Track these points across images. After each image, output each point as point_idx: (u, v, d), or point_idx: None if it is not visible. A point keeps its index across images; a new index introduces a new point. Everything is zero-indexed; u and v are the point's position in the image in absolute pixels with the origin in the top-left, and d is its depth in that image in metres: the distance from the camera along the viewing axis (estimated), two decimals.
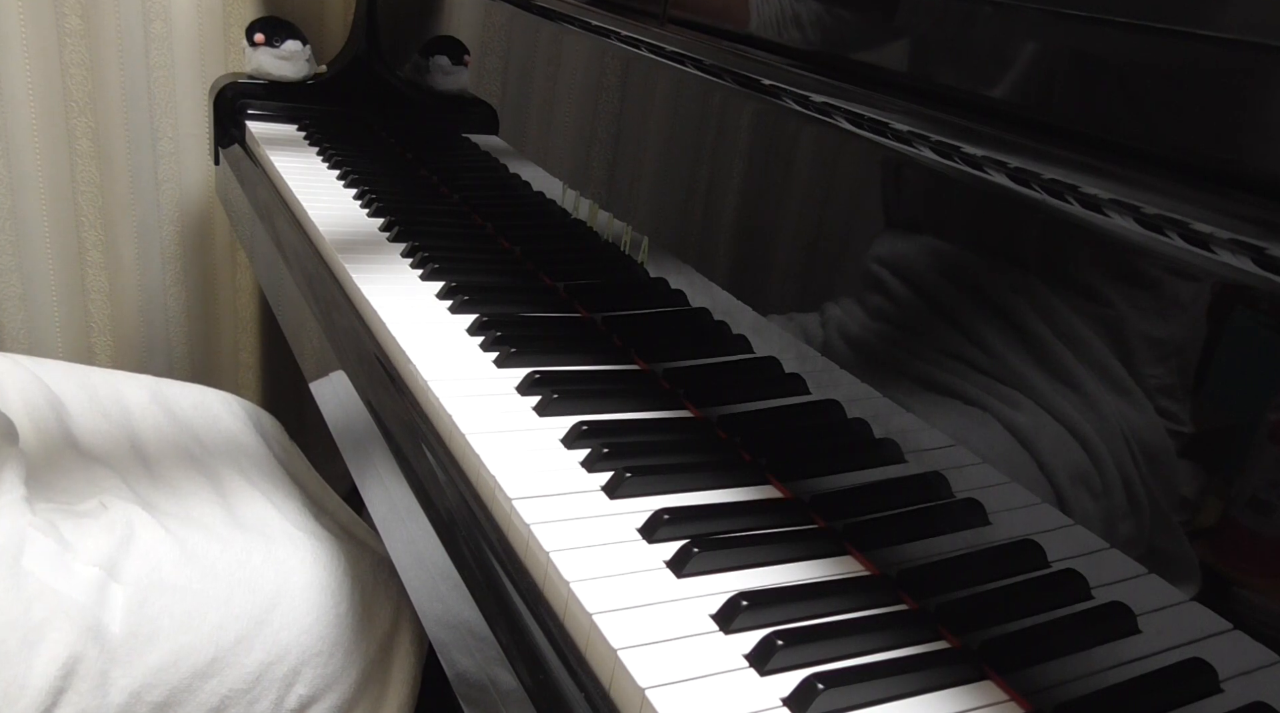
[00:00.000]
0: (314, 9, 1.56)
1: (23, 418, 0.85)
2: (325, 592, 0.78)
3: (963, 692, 0.51)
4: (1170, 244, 0.45)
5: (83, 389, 0.95)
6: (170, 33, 1.45)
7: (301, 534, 0.82)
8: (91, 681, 0.67)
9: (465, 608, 0.57)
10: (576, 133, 0.93)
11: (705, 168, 0.78)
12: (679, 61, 0.78)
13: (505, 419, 0.69)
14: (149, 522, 0.75)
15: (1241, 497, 0.43)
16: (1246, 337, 0.43)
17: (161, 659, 0.70)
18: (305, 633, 0.76)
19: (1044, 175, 0.50)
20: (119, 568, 0.71)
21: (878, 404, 0.60)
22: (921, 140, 0.57)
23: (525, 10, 1.02)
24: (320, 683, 0.77)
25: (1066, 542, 0.50)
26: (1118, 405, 0.48)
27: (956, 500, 0.56)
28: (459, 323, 0.83)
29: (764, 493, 0.65)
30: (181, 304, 1.59)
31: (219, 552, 0.76)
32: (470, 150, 1.15)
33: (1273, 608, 0.42)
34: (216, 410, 1.00)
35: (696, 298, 0.76)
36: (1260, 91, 0.43)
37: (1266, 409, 0.42)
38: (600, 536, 0.58)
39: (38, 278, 1.48)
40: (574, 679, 0.51)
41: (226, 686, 0.73)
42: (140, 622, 0.70)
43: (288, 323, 1.02)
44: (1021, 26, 0.53)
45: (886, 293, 0.60)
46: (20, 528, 0.69)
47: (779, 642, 0.50)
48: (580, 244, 0.91)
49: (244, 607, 0.74)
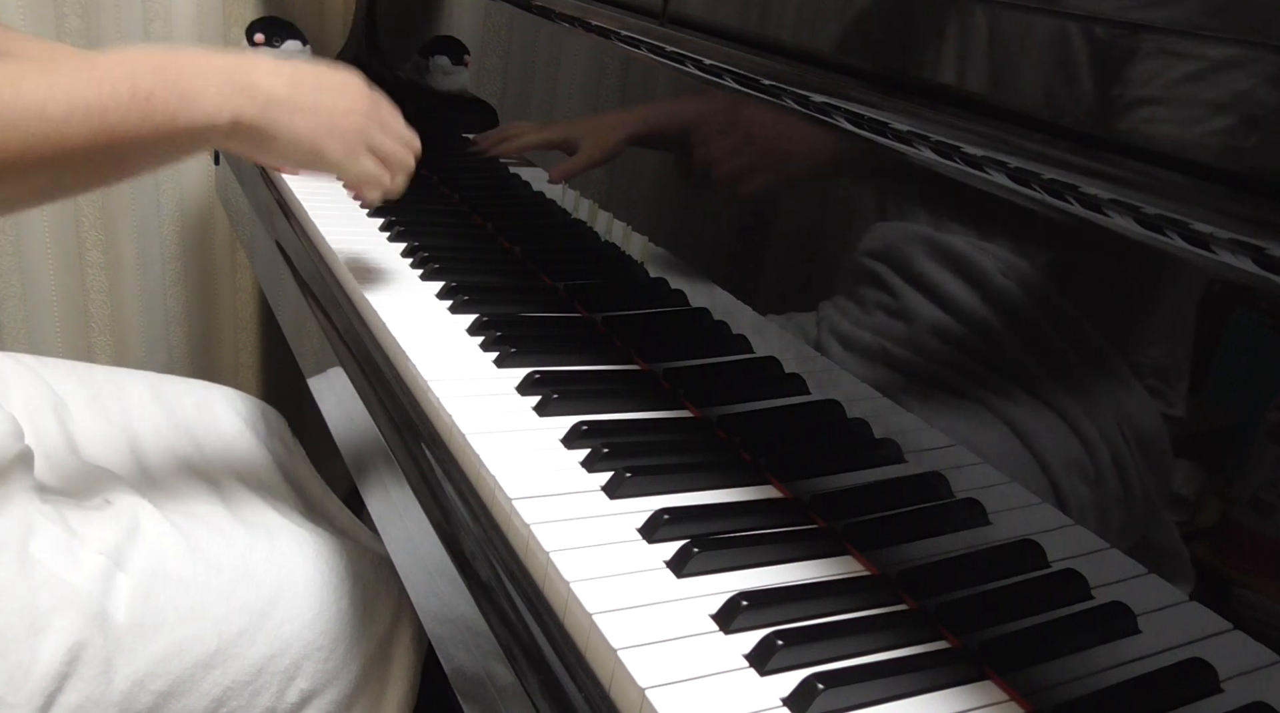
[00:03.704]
0: (314, 9, 1.56)
1: (25, 417, 0.85)
2: (326, 588, 0.79)
3: (963, 692, 0.51)
4: (1170, 244, 0.45)
5: (85, 387, 0.95)
6: (170, 33, 1.45)
7: (303, 531, 0.82)
8: (96, 668, 0.67)
9: (464, 606, 0.57)
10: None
11: (705, 168, 0.78)
12: (679, 61, 0.78)
13: (505, 419, 0.69)
14: (155, 515, 0.75)
15: (1241, 497, 0.43)
16: (1246, 337, 0.43)
17: (165, 649, 0.70)
18: (307, 628, 0.77)
19: (1044, 175, 0.50)
20: (125, 558, 0.71)
21: (878, 404, 0.60)
22: (921, 140, 0.57)
23: (525, 10, 1.02)
24: (321, 678, 0.77)
25: (1066, 542, 0.50)
26: (1117, 405, 0.48)
27: (956, 500, 0.56)
28: (459, 323, 0.83)
29: (764, 493, 0.65)
30: (181, 304, 1.59)
31: (223, 546, 0.76)
32: (470, 150, 1.15)
33: (1273, 608, 0.42)
34: (219, 408, 1.00)
35: (696, 298, 0.76)
36: (1261, 91, 0.43)
37: (1266, 409, 0.42)
38: (600, 536, 0.58)
39: (38, 278, 1.48)
40: (574, 679, 0.51)
41: (229, 677, 0.73)
42: (145, 612, 0.70)
43: (287, 323, 1.02)
44: (1022, 26, 0.53)
45: (886, 292, 0.60)
46: (29, 516, 0.69)
47: (779, 642, 0.50)
48: (580, 244, 0.91)
49: (247, 600, 0.74)
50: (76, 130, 0.58)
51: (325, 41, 1.57)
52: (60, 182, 0.62)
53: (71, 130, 0.58)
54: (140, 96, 0.60)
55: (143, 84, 0.61)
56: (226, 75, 0.66)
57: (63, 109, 0.57)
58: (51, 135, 0.57)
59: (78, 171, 0.61)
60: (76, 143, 0.58)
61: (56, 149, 0.58)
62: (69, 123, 0.57)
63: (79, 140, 0.58)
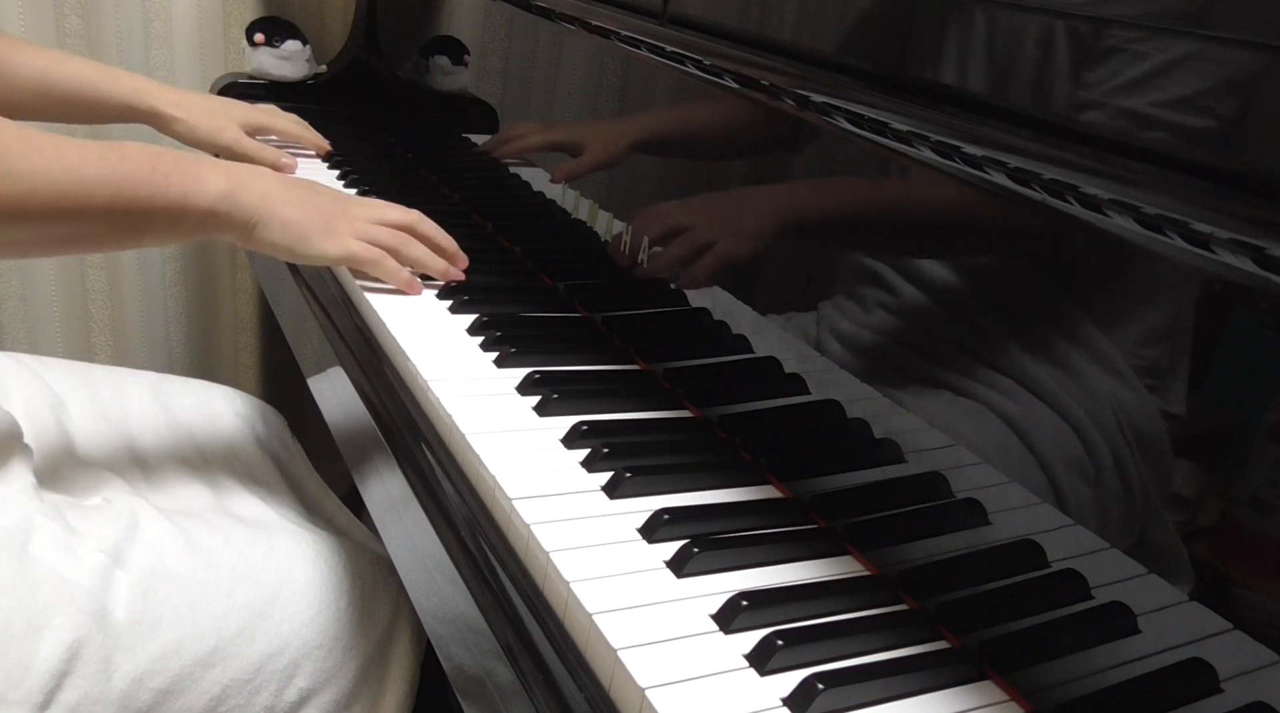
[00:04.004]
0: (314, 9, 1.56)
1: (24, 416, 0.85)
2: (325, 587, 0.79)
3: (963, 692, 0.51)
4: (1170, 244, 0.45)
5: (84, 387, 0.95)
6: (170, 33, 1.45)
7: (302, 531, 0.82)
8: (95, 665, 0.68)
9: (464, 605, 0.57)
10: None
11: (705, 168, 0.78)
12: (679, 61, 0.78)
13: (505, 419, 0.69)
14: (153, 514, 0.75)
15: (1241, 497, 0.43)
16: (1246, 337, 0.43)
17: (164, 647, 0.71)
18: (306, 627, 0.77)
19: (1044, 175, 0.50)
20: (124, 556, 0.71)
21: (878, 404, 0.60)
22: (921, 140, 0.57)
23: (525, 10, 1.02)
24: (320, 677, 0.77)
25: (1066, 542, 0.50)
26: (1117, 405, 0.48)
27: (956, 500, 0.56)
28: (459, 323, 0.83)
29: (764, 493, 0.65)
30: (181, 304, 1.59)
31: (222, 544, 0.76)
32: (470, 150, 1.15)
33: (1273, 608, 0.42)
34: (219, 408, 1.00)
35: (696, 298, 0.76)
36: (1261, 91, 0.43)
37: (1266, 409, 0.42)
38: (600, 535, 0.58)
39: (38, 278, 1.48)
40: (574, 679, 0.51)
41: (228, 676, 0.73)
42: (144, 609, 0.70)
43: (287, 323, 1.02)
44: (1023, 26, 0.53)
45: (887, 292, 0.60)
46: (28, 514, 0.69)
47: (779, 642, 0.50)
48: (580, 244, 0.91)
49: (246, 599, 0.75)
50: (102, 192, 0.69)
51: (325, 41, 1.57)
52: (75, 235, 0.71)
53: (98, 191, 0.68)
54: (159, 174, 0.72)
55: (161, 166, 0.73)
56: (231, 171, 0.78)
57: (95, 173, 0.68)
58: (81, 193, 0.68)
59: (94, 227, 0.71)
60: (99, 203, 0.69)
61: (85, 205, 0.68)
62: (96, 184, 0.68)
63: (101, 201, 0.69)
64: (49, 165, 0.66)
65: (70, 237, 0.71)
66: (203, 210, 0.75)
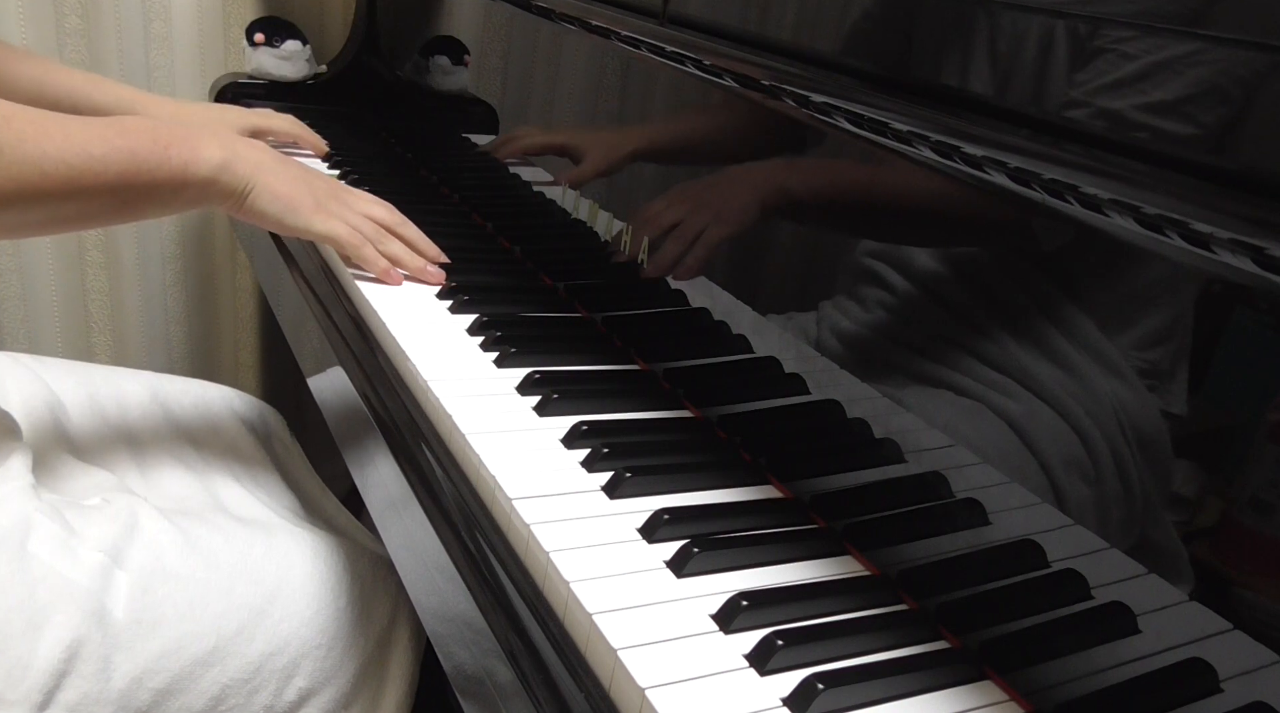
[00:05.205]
0: (314, 9, 1.56)
1: (23, 416, 0.85)
2: (325, 586, 0.79)
3: (963, 692, 0.51)
4: (1170, 244, 0.45)
5: (83, 386, 0.95)
6: (170, 33, 1.45)
7: (301, 530, 0.82)
8: (94, 664, 0.68)
9: (464, 605, 0.57)
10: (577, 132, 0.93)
11: (705, 171, 0.78)
12: (679, 61, 0.78)
13: (505, 419, 0.69)
14: (153, 513, 0.75)
15: (1241, 497, 0.43)
16: (1246, 337, 0.43)
17: (164, 646, 0.71)
18: (305, 626, 0.77)
19: (1044, 175, 0.50)
20: (123, 555, 0.71)
21: (878, 404, 0.60)
22: (921, 140, 0.57)
23: (525, 10, 1.02)
24: (319, 676, 0.77)
25: (1066, 542, 0.50)
26: (1118, 405, 0.48)
27: (956, 500, 0.56)
28: (459, 323, 0.83)
29: (764, 493, 0.65)
30: (181, 304, 1.59)
31: (221, 543, 0.76)
32: (470, 150, 1.15)
33: (1273, 608, 0.42)
34: (217, 408, 1.00)
35: (696, 298, 0.76)
36: (1261, 90, 0.43)
37: (1266, 409, 0.42)
38: (600, 536, 0.58)
39: (38, 278, 1.48)
40: (574, 679, 0.51)
41: (228, 675, 0.73)
42: (143, 608, 0.70)
43: (287, 323, 1.02)
44: (1022, 26, 0.53)
45: (887, 291, 0.60)
46: (27, 513, 0.69)
47: (779, 642, 0.50)
48: (580, 244, 0.91)
49: (245, 598, 0.75)
50: (111, 168, 0.71)
51: (325, 41, 1.57)
52: (83, 212, 0.72)
53: (107, 168, 0.70)
54: (160, 145, 0.74)
55: (161, 137, 0.75)
56: (226, 141, 0.80)
57: (103, 150, 0.70)
58: (90, 171, 0.69)
59: (101, 203, 0.72)
60: (108, 179, 0.70)
61: (94, 183, 0.70)
62: (106, 160, 0.70)
63: (110, 177, 0.71)
64: (60, 146, 0.67)
65: (78, 214, 0.72)
66: (202, 179, 0.77)
